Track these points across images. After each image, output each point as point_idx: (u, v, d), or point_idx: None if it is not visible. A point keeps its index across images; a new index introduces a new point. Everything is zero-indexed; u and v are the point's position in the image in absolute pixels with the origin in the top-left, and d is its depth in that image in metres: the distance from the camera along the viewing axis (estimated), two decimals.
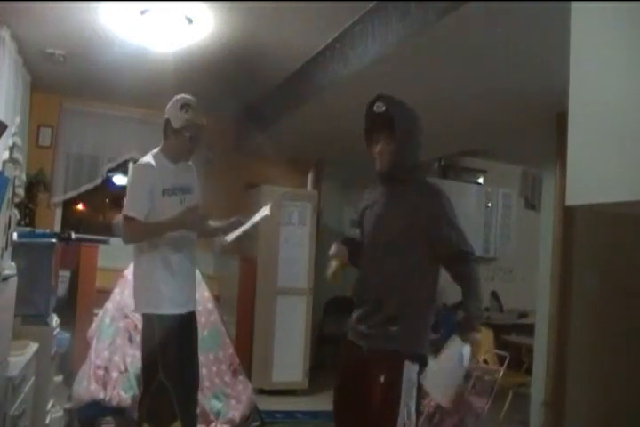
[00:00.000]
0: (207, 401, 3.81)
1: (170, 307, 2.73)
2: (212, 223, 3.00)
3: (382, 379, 2.10)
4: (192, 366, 2.86)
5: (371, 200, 2.39)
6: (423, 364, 2.16)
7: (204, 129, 2.86)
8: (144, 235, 2.75)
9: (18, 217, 3.08)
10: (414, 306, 2.19)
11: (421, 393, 2.20)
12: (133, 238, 2.80)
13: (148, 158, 2.80)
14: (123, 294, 4.16)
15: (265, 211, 3.07)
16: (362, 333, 2.24)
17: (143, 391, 2.87)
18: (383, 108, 2.22)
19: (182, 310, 2.78)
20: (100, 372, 3.66)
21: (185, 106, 2.76)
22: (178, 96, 2.83)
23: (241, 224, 2.98)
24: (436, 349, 2.21)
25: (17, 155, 3.90)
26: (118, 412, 3.57)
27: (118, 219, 2.94)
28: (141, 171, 2.77)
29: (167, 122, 2.80)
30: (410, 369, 2.11)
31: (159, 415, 2.74)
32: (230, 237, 3.02)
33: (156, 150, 2.85)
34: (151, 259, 2.77)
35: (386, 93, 2.27)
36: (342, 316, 3.19)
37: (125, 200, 2.75)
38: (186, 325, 2.82)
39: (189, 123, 2.76)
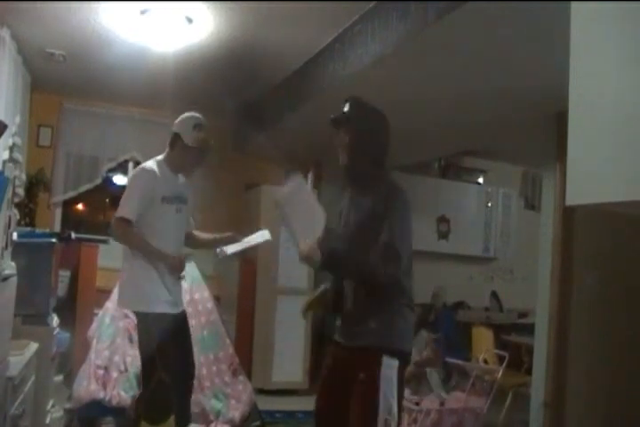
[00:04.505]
0: (207, 401, 3.81)
1: (165, 306, 2.81)
2: (206, 236, 3.12)
3: (360, 376, 2.06)
4: (188, 364, 2.95)
5: (342, 205, 2.36)
6: (404, 360, 2.13)
7: (212, 149, 2.97)
8: (130, 242, 2.83)
9: (18, 217, 3.08)
10: (388, 302, 2.13)
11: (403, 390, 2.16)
12: (119, 239, 2.89)
13: (152, 165, 2.86)
14: None
15: (265, 236, 3.13)
16: (342, 331, 2.25)
17: (143, 389, 2.94)
18: (345, 109, 2.27)
19: (175, 310, 2.89)
20: (101, 372, 3.66)
21: (197, 125, 2.86)
22: (188, 114, 2.91)
23: (235, 241, 3.05)
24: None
25: (17, 155, 3.89)
26: (118, 412, 3.56)
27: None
28: (143, 176, 2.84)
29: (176, 136, 2.88)
30: (388, 365, 2.06)
31: (155, 412, 2.85)
32: (230, 250, 3.07)
33: (159, 158, 2.93)
34: (143, 259, 2.82)
35: (355, 96, 2.31)
36: None
37: (121, 201, 2.81)
38: (180, 323, 2.92)
39: (203, 143, 2.87)
